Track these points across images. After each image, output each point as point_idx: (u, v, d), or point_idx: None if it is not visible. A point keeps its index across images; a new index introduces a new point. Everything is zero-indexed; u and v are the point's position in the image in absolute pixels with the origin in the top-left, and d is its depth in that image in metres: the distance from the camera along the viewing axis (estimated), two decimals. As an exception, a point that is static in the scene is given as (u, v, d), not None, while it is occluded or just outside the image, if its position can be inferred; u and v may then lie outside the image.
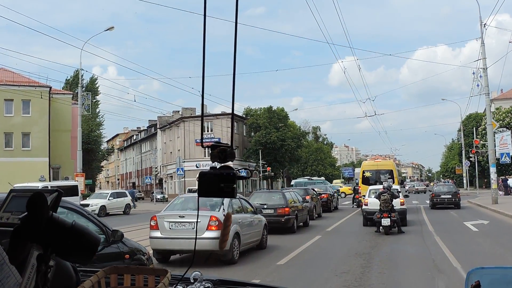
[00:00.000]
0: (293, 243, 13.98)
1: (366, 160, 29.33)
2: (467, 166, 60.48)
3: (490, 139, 28.30)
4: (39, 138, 46.12)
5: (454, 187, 28.48)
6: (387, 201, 15.43)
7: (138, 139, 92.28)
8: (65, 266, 1.30)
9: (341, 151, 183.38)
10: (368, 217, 17.63)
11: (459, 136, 68.40)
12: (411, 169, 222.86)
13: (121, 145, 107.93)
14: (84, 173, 34.85)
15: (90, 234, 1.16)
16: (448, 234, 15.28)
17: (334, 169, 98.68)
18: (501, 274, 1.53)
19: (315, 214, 21.92)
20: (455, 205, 27.28)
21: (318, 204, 23.44)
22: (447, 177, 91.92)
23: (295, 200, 17.74)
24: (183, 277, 1.59)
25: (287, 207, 16.12)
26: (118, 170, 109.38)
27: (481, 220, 19.53)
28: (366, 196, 18.94)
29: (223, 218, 10.27)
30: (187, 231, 9.84)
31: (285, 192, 17.57)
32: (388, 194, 15.60)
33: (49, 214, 1.10)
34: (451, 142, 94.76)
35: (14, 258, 1.09)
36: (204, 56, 1.30)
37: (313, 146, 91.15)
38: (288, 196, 17.15)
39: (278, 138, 63.01)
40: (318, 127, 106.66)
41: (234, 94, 1.34)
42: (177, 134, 69.58)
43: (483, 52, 28.13)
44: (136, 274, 1.53)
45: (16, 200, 1.44)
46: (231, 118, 1.58)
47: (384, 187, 16.18)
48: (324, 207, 25.74)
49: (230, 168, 1.28)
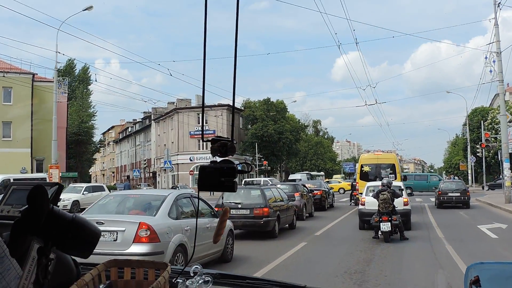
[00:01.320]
0: (268, 253, 11.19)
1: (365, 154, 26.13)
2: (472, 161, 57.68)
3: (504, 132, 25.38)
4: (21, 128, 43.57)
5: (463, 184, 25.51)
6: (387, 201, 12.58)
7: (133, 131, 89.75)
8: (65, 259, 1.29)
9: (343, 146, 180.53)
10: (365, 219, 14.82)
11: (464, 131, 65.40)
12: (413, 165, 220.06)
13: (116, 137, 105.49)
14: (59, 165, 32.14)
15: (91, 227, 1.18)
16: (462, 242, 12.45)
17: (334, 164, 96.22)
18: (500, 269, 1.52)
19: (305, 214, 19.03)
20: (464, 204, 24.39)
21: (310, 202, 20.56)
22: (451, 173, 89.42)
23: (277, 198, 14.91)
24: (183, 271, 1.60)
25: (266, 207, 13.28)
26: (113, 163, 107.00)
27: (497, 223, 16.69)
28: (363, 194, 16.08)
29: (162, 226, 7.33)
30: (107, 244, 6.94)
31: (266, 188, 14.71)
32: (388, 193, 12.73)
33: (49, 207, 1.11)
34: (455, 137, 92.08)
35: (15, 251, 1.09)
36: (204, 50, 1.31)
37: (313, 140, 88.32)
38: (269, 193, 14.30)
39: (275, 131, 60.29)
40: (319, 120, 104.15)
41: (235, 88, 1.35)
42: (171, 126, 66.92)
43: (496, 34, 25.18)
44: (136, 267, 1.53)
45: (16, 193, 1.45)
46: (231, 112, 1.53)
47: (384, 184, 13.26)
48: (318, 205, 22.90)
49: (231, 162, 1.29)
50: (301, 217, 18.42)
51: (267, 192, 14.16)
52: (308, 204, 20.02)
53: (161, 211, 7.67)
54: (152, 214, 7.62)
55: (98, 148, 72.88)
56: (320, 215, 21.27)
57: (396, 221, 12.34)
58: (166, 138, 68.45)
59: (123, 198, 8.39)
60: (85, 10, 31.74)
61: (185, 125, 61.95)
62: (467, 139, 62.00)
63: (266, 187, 15.68)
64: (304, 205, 18.94)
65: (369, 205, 14.63)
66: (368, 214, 14.36)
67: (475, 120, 63.30)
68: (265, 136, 59.84)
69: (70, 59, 66.00)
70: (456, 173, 79.71)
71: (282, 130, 60.91)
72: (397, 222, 12.36)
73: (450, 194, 24.37)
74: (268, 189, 14.81)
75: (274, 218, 13.62)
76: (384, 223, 12.19)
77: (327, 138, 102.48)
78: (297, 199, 18.57)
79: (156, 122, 73.71)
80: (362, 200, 15.45)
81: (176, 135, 64.48)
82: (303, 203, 18.93)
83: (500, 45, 24.98)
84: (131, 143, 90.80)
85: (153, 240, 7.04)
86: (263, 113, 60.92)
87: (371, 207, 14.10)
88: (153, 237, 7.08)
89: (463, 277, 1.44)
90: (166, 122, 69.04)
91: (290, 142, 62.72)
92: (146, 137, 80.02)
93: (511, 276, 1.46)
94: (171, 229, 7.56)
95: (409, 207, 15.14)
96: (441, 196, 24.51)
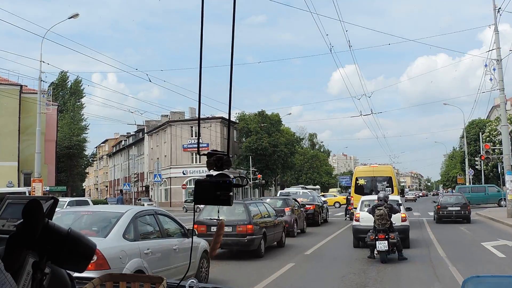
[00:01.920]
0: (251, 275, 9.94)
1: (361, 166, 24.69)
2: (470, 174, 56.59)
3: (506, 142, 24.19)
4: (7, 141, 42.41)
5: (463, 198, 24.24)
6: (383, 217, 11.35)
7: (126, 145, 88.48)
8: (60, 273, 1.27)
9: (339, 160, 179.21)
10: (360, 236, 13.59)
11: (462, 143, 64.43)
12: (410, 178, 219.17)
13: (110, 150, 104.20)
14: (42, 179, 30.86)
15: (86, 242, 1.17)
16: (467, 262, 11.22)
17: (330, 178, 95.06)
18: (496, 283, 1.53)
19: (296, 230, 17.76)
20: (464, 219, 23.18)
21: (301, 217, 19.28)
22: (448, 187, 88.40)
23: (264, 213, 13.65)
24: (179, 285, 1.59)
25: (250, 224, 12.02)
26: (106, 176, 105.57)
27: (502, 239, 15.46)
28: (357, 208, 14.85)
29: (113, 250, 6.31)
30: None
31: (251, 203, 13.43)
32: (385, 208, 11.52)
33: (44, 221, 1.10)
34: (452, 151, 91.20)
35: (10, 265, 1.07)
36: (200, 63, 1.34)
37: (309, 154, 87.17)
38: (254, 209, 13.04)
39: (270, 144, 59.10)
40: (315, 134, 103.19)
41: (231, 102, 1.35)
42: (163, 139, 65.68)
43: (496, 41, 24.15)
44: (132, 281, 1.52)
45: (11, 207, 1.44)
46: (227, 126, 2.18)
47: (380, 198, 12.02)
48: (310, 220, 21.65)
49: (227, 176, 1.30)
50: (292, 233, 17.18)
51: (252, 208, 12.90)
52: (300, 219, 18.76)
53: (115, 232, 6.43)
54: (104, 235, 6.38)
55: (90, 162, 71.69)
56: (312, 231, 20.01)
57: (394, 239, 11.12)
58: (159, 151, 67.21)
59: (75, 215, 7.13)
60: (71, 18, 30.73)
61: (178, 138, 60.86)
62: (464, 152, 60.98)
63: (252, 201, 14.35)
64: (295, 221, 17.67)
65: (364, 221, 13.42)
66: (363, 231, 13.14)
67: (472, 133, 62.28)
68: (259, 149, 58.65)
69: (63, 71, 65.08)
70: (454, 186, 78.55)
71: (277, 143, 59.75)
72: (395, 240, 11.14)
73: (450, 208, 23.11)
74: (254, 204, 13.53)
75: (259, 236, 12.36)
76: (380, 241, 10.97)
77: (323, 152, 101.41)
78: (287, 214, 17.32)
79: (149, 135, 72.53)
80: (357, 216, 14.22)
81: (169, 148, 63.29)
82: (294, 218, 17.66)
83: (500, 52, 23.96)
84: (124, 157, 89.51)
85: (100, 267, 5.80)
86: (257, 126, 59.78)
87: (366, 223, 12.89)
88: (101, 263, 5.85)
89: None
90: (159, 135, 67.84)
91: (285, 155, 61.53)
92: (139, 151, 78.78)
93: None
94: (126, 253, 6.33)
95: (407, 223, 13.92)
96: (441, 211, 23.26)
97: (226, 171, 1.32)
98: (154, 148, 70.22)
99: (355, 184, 20.96)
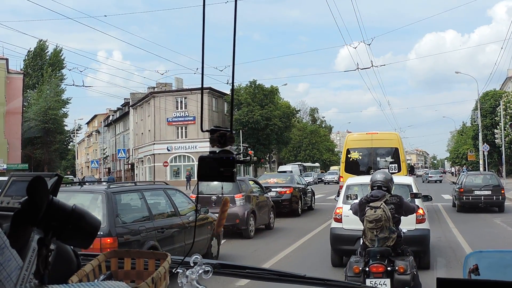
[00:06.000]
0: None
1: (354, 134, 17.59)
2: (485, 150, 50.66)
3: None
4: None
5: (495, 177, 18.10)
6: (383, 225, 5.27)
7: (113, 119, 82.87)
8: (65, 249, 1.30)
9: (343, 137, 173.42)
10: (342, 249, 7.70)
11: (475, 116, 58.24)
12: (416, 155, 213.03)
13: (99, 126, 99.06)
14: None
15: (91, 218, 1.17)
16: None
17: (332, 155, 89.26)
18: (499, 257, 1.52)
19: (251, 228, 11.72)
20: (497, 207, 17.18)
21: (265, 207, 13.20)
22: (458, 164, 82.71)
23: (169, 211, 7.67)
24: (183, 261, 1.58)
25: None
26: (96, 154, 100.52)
27: None
28: (339, 199, 8.77)
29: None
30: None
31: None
32: (387, 204, 5.41)
33: (49, 198, 1.10)
34: (461, 126, 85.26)
35: (15, 242, 1.10)
36: (203, 38, 1.30)
37: (308, 128, 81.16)
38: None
39: (262, 117, 52.94)
40: (316, 108, 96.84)
41: (234, 76, 1.37)
42: (147, 113, 59.65)
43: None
44: (137, 257, 1.51)
45: (16, 184, 1.45)
46: (230, 102, 1.45)
47: (376, 183, 5.63)
48: (286, 208, 15.72)
49: (230, 153, 1.29)
50: (246, 233, 11.25)
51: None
52: (262, 211, 12.70)
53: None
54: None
55: (71, 138, 66.48)
56: (284, 225, 14.04)
57: (405, 273, 5.06)
58: (144, 125, 61.39)
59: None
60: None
61: (162, 111, 55.06)
62: (478, 126, 54.88)
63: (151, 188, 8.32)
64: (249, 214, 11.60)
65: (350, 222, 7.43)
66: (347, 239, 7.27)
67: (488, 104, 56.17)
68: (250, 122, 52.66)
69: (41, 40, 59.39)
70: (464, 163, 72.58)
71: (270, 116, 53.64)
72: (408, 275, 5.06)
73: (477, 192, 16.93)
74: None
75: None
76: (375, 279, 4.96)
77: (325, 127, 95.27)
78: (239, 204, 11.33)
79: (134, 109, 66.61)
80: (337, 212, 8.16)
81: (152, 122, 57.42)
82: (249, 211, 11.59)
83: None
84: (111, 132, 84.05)
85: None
86: (249, 97, 53.78)
87: (354, 226, 6.92)
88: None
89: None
90: (144, 108, 61.86)
91: (279, 129, 55.48)
92: (125, 126, 73.06)
93: (510, 264, 1.45)
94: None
95: (427, 226, 7.85)
96: (464, 195, 17.12)
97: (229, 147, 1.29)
98: (138, 122, 64.39)
99: (346, 159, 14.77)
